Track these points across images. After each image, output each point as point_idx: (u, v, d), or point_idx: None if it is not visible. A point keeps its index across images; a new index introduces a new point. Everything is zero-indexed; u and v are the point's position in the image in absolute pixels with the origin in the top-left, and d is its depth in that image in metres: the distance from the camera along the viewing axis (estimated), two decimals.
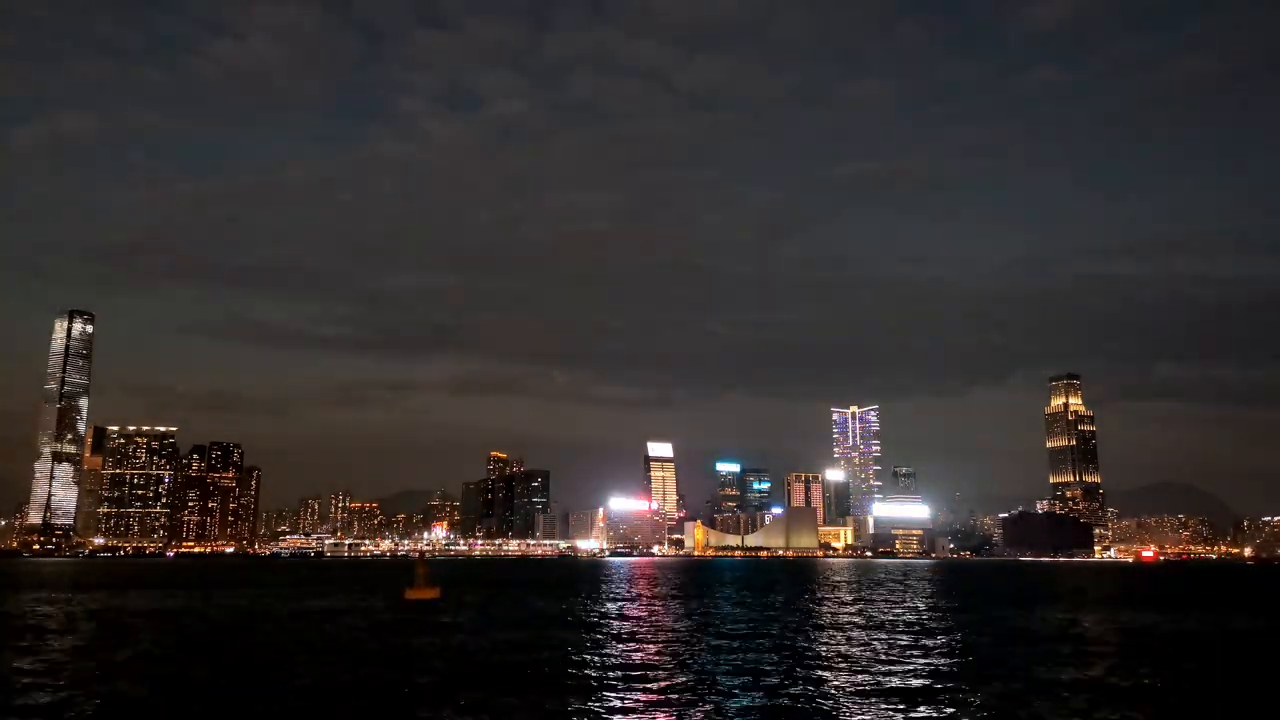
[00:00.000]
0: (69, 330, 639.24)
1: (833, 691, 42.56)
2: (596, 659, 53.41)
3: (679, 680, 45.64)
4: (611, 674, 47.45)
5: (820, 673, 48.47)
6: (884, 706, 38.88)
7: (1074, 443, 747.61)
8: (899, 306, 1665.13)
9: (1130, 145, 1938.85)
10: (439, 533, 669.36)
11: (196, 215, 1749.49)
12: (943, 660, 53.62)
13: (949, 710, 38.34)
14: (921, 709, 38.49)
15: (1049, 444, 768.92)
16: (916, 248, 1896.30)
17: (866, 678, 46.58)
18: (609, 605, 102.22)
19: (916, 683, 44.95)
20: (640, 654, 55.82)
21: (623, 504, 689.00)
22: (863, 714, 37.48)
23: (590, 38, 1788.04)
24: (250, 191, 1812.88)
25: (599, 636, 66.35)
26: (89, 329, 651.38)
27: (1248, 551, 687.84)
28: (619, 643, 62.11)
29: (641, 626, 74.79)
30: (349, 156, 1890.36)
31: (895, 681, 45.24)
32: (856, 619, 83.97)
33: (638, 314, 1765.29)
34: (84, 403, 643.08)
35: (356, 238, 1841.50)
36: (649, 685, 44.05)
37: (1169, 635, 73.12)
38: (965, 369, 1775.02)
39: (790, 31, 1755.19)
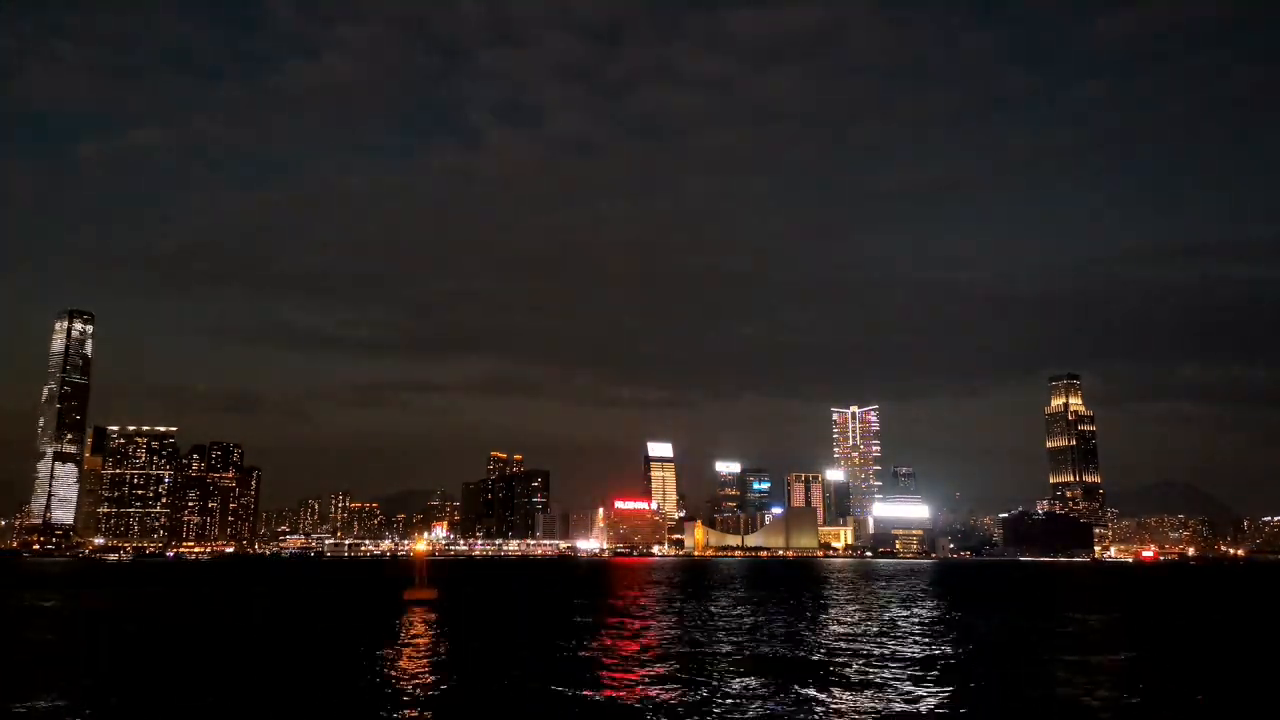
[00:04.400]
0: (69, 330, 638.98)
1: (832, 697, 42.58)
2: (595, 659, 53.45)
3: (679, 681, 45.70)
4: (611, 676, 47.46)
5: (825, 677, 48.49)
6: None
7: (1074, 443, 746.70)
8: (926, 310, 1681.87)
9: (1177, 154, 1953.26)
10: (439, 533, 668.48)
11: (250, 224, 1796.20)
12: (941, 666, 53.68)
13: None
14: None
15: (1049, 444, 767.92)
16: (955, 253, 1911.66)
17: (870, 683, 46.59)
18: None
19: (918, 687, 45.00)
20: (641, 658, 55.80)
21: (623, 504, 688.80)
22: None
23: (660, 52, 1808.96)
24: (305, 201, 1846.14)
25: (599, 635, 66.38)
26: (89, 329, 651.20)
27: (1191, 551, 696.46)
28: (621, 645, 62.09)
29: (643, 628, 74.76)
30: (407, 167, 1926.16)
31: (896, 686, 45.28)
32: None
33: (671, 318, 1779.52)
34: (84, 403, 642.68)
35: (404, 245, 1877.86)
36: (648, 687, 44.08)
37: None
38: (982, 370, 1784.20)
39: (861, 45, 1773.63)
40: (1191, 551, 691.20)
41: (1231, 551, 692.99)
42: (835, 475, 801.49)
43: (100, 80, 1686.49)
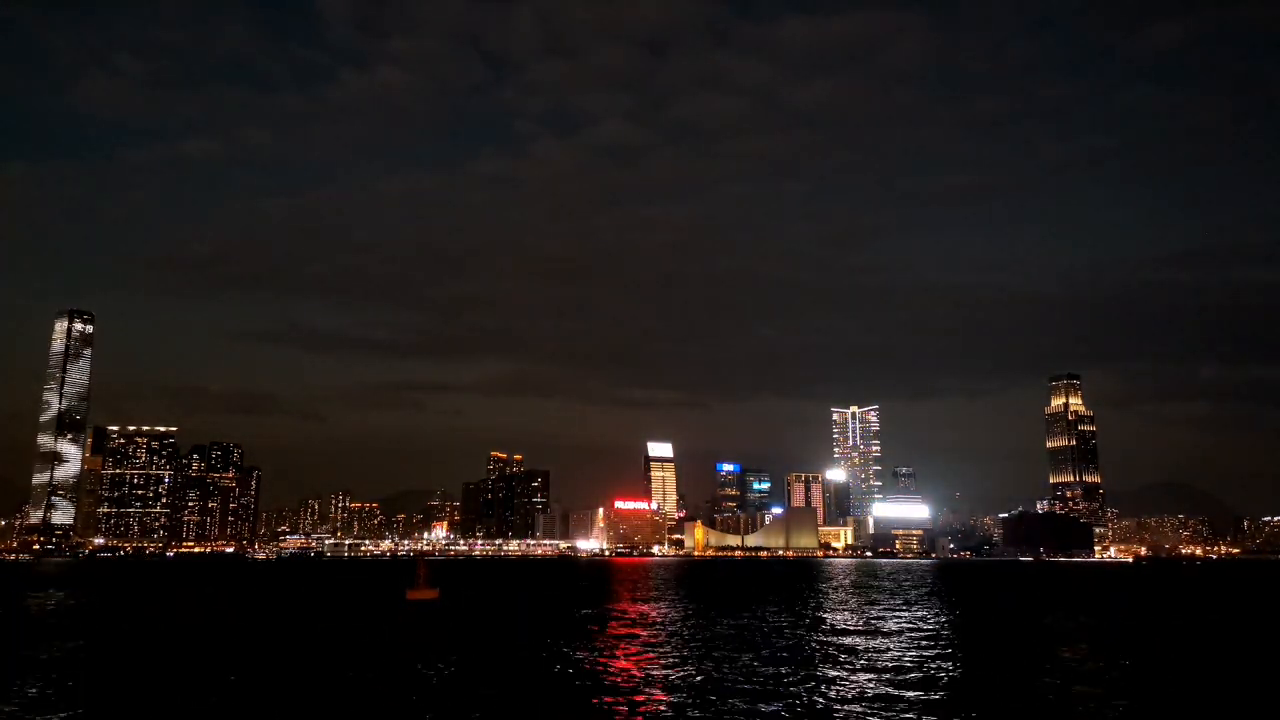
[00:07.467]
0: (69, 330, 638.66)
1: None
2: (595, 659, 53.38)
3: (681, 681, 45.65)
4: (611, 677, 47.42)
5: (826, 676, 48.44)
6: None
7: (1074, 443, 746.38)
8: (946, 313, 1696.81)
9: (1207, 160, 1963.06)
10: (439, 533, 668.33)
11: (286, 228, 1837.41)
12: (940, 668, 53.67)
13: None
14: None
15: (1049, 444, 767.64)
16: (982, 257, 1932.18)
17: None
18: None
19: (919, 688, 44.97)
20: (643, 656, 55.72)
21: (623, 504, 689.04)
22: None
23: (707, 61, 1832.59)
24: (343, 207, 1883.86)
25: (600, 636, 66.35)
26: (89, 329, 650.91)
27: (1143, 551, 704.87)
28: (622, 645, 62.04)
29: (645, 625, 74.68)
30: (449, 174, 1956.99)
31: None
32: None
33: (690, 320, 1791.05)
34: (84, 403, 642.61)
35: (438, 249, 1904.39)
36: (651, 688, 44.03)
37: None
38: (997, 372, 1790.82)
39: (906, 54, 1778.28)
40: (1144, 551, 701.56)
41: (1187, 550, 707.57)
42: (835, 475, 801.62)
43: (156, 90, 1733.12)
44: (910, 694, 42.14)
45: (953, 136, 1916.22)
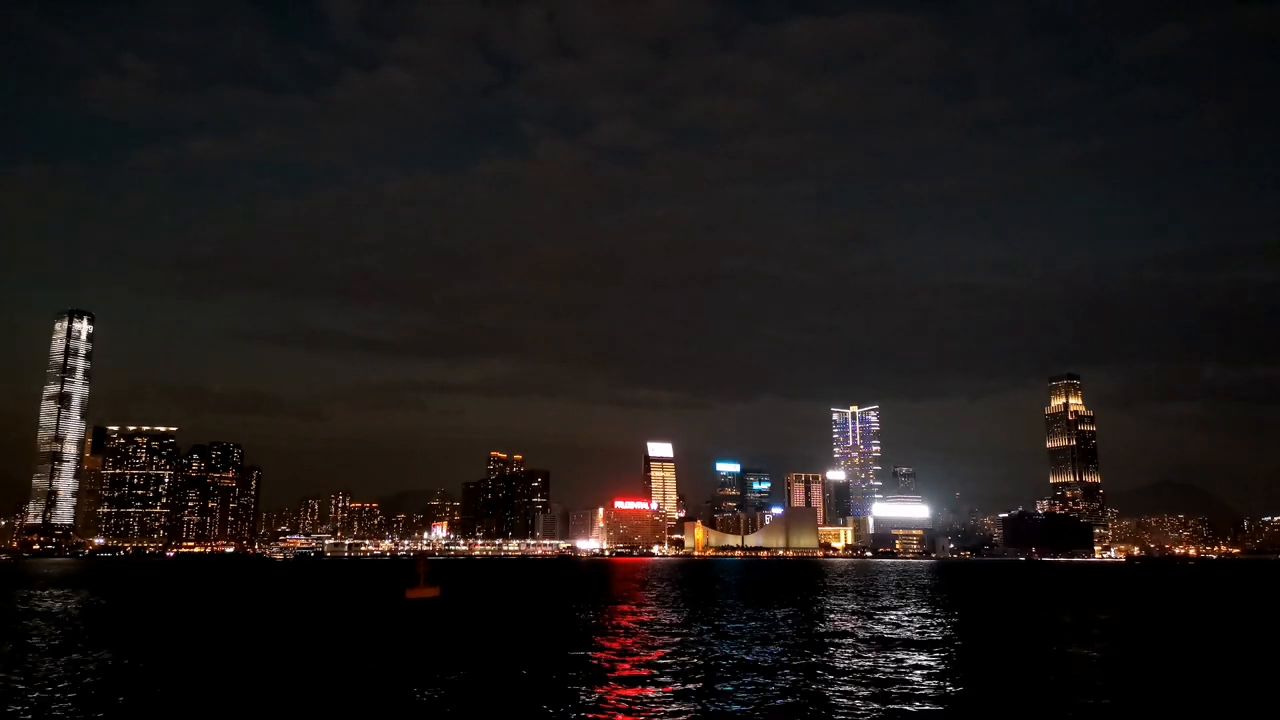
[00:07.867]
0: (69, 330, 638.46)
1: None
2: (595, 658, 53.41)
3: (682, 678, 45.67)
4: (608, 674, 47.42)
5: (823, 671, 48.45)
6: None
7: (1074, 443, 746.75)
8: (947, 313, 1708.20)
9: (1217, 160, 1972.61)
10: (439, 533, 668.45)
11: (291, 229, 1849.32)
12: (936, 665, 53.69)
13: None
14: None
15: (1049, 444, 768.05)
16: (986, 257, 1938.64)
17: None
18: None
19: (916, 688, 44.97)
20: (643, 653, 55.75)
21: (623, 504, 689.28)
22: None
23: (713, 62, 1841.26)
24: (348, 208, 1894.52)
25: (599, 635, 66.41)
26: (89, 329, 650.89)
27: (1138, 550, 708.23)
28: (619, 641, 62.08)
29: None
30: (454, 175, 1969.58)
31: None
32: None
33: (693, 321, 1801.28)
34: (84, 403, 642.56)
35: (441, 250, 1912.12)
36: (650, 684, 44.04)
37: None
38: (1000, 373, 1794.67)
39: (913, 55, 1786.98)
40: (1138, 551, 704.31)
41: (1182, 550, 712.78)
42: (835, 475, 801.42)
43: (162, 91, 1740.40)
44: (906, 693, 42.22)
45: (955, 137, 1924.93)
